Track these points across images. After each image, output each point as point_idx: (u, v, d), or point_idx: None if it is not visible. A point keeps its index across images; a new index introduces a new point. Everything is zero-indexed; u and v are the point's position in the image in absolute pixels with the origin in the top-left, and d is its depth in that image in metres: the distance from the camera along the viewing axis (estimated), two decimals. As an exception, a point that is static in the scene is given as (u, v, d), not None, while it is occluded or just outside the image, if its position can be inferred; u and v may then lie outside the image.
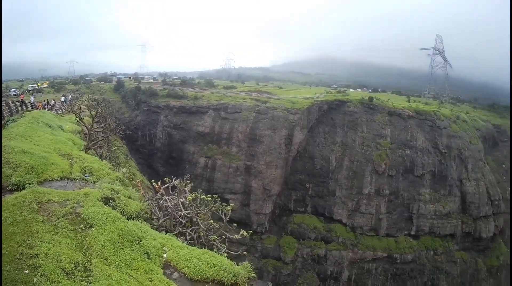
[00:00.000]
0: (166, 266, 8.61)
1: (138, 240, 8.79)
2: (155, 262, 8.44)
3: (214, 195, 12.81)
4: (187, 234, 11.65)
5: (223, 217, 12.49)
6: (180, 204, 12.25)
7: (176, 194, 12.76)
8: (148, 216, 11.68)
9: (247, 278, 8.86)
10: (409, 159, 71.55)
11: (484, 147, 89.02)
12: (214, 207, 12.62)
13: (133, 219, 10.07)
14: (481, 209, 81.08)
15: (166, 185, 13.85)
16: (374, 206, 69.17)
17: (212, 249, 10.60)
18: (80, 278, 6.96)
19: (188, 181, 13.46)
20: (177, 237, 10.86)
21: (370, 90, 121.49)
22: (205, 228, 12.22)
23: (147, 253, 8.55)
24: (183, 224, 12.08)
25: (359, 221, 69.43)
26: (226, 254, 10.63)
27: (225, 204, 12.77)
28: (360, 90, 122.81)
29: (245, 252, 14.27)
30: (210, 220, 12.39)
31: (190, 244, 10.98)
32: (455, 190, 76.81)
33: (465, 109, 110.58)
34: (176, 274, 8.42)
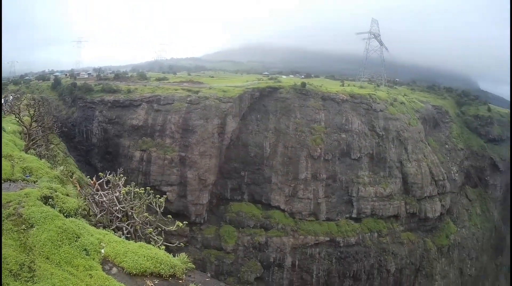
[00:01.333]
0: (105, 261, 9.06)
1: (77, 237, 9.22)
2: (94, 258, 8.89)
3: (147, 187, 13.66)
4: (124, 228, 12.29)
5: (157, 209, 13.29)
6: (115, 198, 12.81)
7: (110, 189, 13.42)
8: (86, 212, 12.29)
9: (184, 269, 9.49)
10: (345, 142, 77.73)
11: (424, 128, 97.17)
12: (148, 200, 13.28)
13: (71, 217, 10.54)
14: (425, 190, 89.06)
15: (101, 180, 14.55)
16: (311, 191, 74.71)
17: (149, 242, 11.55)
18: (26, 278, 7.38)
19: (121, 175, 14.29)
20: (114, 232, 11.43)
21: (303, 76, 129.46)
22: (140, 222, 12.81)
23: (85, 249, 8.98)
24: (119, 219, 12.63)
25: (297, 207, 74.60)
26: (163, 247, 11.41)
27: (159, 196, 13.60)
28: (292, 76, 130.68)
29: (182, 244, 14.93)
30: (145, 213, 13.09)
31: (128, 238, 11.73)
32: (396, 171, 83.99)
33: (403, 91, 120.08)
34: (115, 269, 8.90)
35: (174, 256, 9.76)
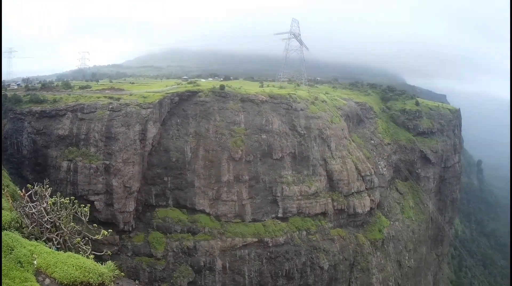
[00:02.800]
0: (38, 273, 9.81)
1: (11, 250, 9.90)
2: (28, 270, 9.59)
3: (72, 197, 14.62)
4: (53, 239, 13.16)
5: (83, 218, 14.28)
6: (43, 209, 13.48)
7: (38, 200, 14.20)
8: (19, 225, 13.11)
9: (112, 277, 10.40)
10: (266, 143, 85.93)
11: (348, 125, 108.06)
12: (73, 210, 14.16)
13: (5, 230, 11.41)
14: (352, 186, 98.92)
15: (30, 192, 15.11)
16: (235, 193, 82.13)
17: (78, 252, 12.61)
18: None
19: (48, 186, 15.02)
20: (45, 243, 12.34)
21: (222, 79, 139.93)
22: (68, 232, 13.68)
23: (19, 261, 9.66)
24: (49, 230, 13.39)
25: (222, 209, 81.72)
26: (92, 256, 12.37)
27: (83, 205, 14.54)
28: (211, 79, 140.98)
29: (109, 252, 16.05)
30: (72, 223, 14.02)
31: (58, 248, 12.67)
32: (320, 169, 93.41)
33: (325, 89, 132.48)
34: (48, 280, 9.68)
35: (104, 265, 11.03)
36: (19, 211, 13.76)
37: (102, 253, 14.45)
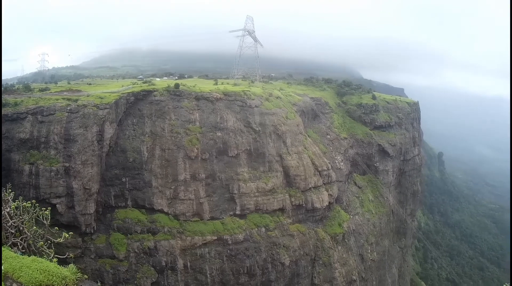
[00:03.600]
0: (6, 278, 10.14)
1: None
2: None
3: (33, 201, 14.89)
4: (18, 243, 13.54)
5: (44, 221, 14.63)
6: (7, 214, 13.78)
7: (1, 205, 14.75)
8: None
9: (75, 280, 10.84)
10: (221, 141, 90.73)
11: (303, 121, 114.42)
12: (35, 213, 14.46)
13: None
14: (309, 181, 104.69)
15: None
16: (192, 192, 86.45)
17: (42, 256, 12.95)
18: None
19: (10, 190, 15.41)
20: (11, 248, 12.82)
21: (176, 77, 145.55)
22: (31, 236, 14.03)
23: None
24: (13, 234, 13.68)
25: (180, 208, 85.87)
26: (56, 259, 12.77)
27: (44, 209, 14.85)
28: (166, 78, 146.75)
29: (72, 255, 16.43)
30: (35, 227, 14.36)
31: (23, 253, 13.03)
32: (276, 165, 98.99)
33: (279, 86, 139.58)
34: (15, 285, 10.02)
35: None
36: (-15, 218, 14.48)
37: (65, 256, 14.92)
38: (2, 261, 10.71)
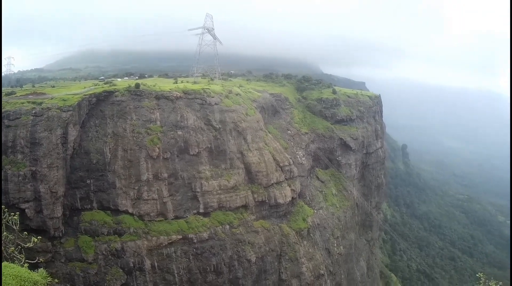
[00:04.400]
0: None
1: None
2: None
3: (2, 206, 15.07)
4: None
5: (14, 226, 14.80)
6: None
7: None
8: None
9: (46, 284, 11.53)
10: (182, 139, 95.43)
11: (264, 117, 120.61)
12: (5, 218, 14.70)
13: None
14: (271, 177, 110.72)
15: None
16: (155, 191, 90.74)
17: (14, 261, 13.41)
18: None
19: None
20: None
21: (137, 77, 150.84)
22: (2, 241, 14.24)
23: None
24: None
25: (144, 209, 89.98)
26: (27, 264, 13.36)
27: (13, 214, 15.02)
28: (127, 78, 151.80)
29: (41, 259, 16.97)
30: (5, 232, 14.69)
31: None
32: (237, 162, 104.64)
33: (239, 83, 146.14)
34: None
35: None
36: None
37: (35, 261, 15.34)
38: None
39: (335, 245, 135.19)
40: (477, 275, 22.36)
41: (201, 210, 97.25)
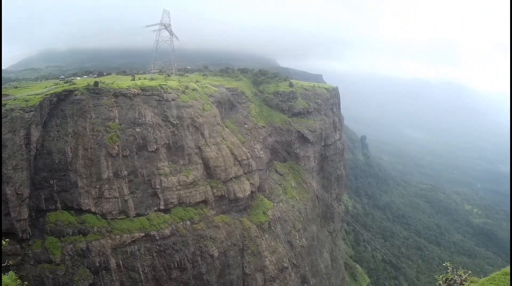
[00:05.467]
0: None
1: None
2: None
3: None
4: None
5: None
6: None
7: None
8: None
9: None
10: (141, 136, 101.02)
11: (220, 112, 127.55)
12: None
13: None
14: (229, 171, 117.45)
15: None
16: (116, 189, 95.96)
17: None
18: None
19: None
20: None
21: (96, 75, 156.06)
22: None
23: None
24: None
25: (106, 207, 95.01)
26: None
27: None
28: (86, 76, 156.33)
29: (10, 262, 17.92)
30: None
31: None
32: (196, 158, 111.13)
33: (195, 78, 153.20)
34: None
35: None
36: None
37: (4, 264, 15.62)
38: None
39: (297, 237, 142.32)
40: (443, 264, 23.17)
41: (162, 207, 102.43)
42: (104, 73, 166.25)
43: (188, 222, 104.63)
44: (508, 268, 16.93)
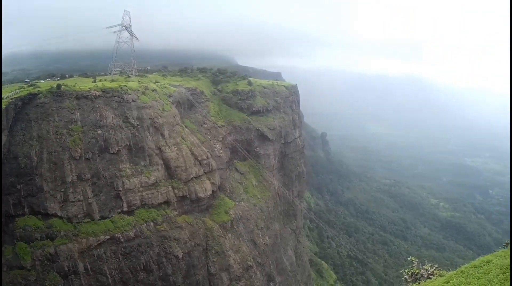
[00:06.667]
0: None
1: None
2: None
3: None
4: None
5: None
6: None
7: None
8: None
9: None
10: (102, 138, 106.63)
11: (180, 112, 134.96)
12: None
13: None
14: (190, 171, 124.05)
15: None
16: (80, 193, 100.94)
17: None
18: None
19: None
20: None
21: (58, 78, 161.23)
22: None
23: None
24: None
25: (72, 211, 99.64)
26: None
27: None
28: (49, 79, 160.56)
29: None
30: None
31: None
32: (156, 158, 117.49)
33: (155, 78, 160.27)
34: None
35: None
36: None
37: None
38: None
39: (260, 236, 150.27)
40: (408, 258, 23.95)
41: (125, 209, 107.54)
42: (67, 76, 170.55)
43: (152, 224, 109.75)
44: (477, 261, 17.67)
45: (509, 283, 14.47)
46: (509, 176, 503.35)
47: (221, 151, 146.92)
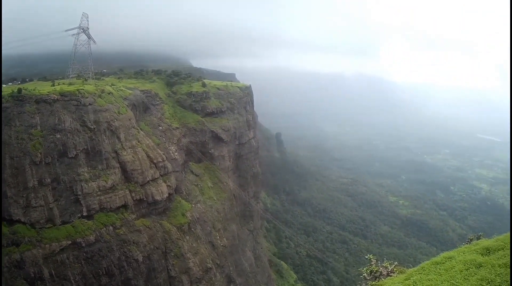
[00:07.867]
0: None
1: None
2: None
3: None
4: None
5: None
6: None
7: None
8: None
9: None
10: (61, 142, 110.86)
11: (135, 114, 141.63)
12: None
13: None
14: (146, 174, 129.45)
15: None
16: (42, 198, 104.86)
17: None
18: None
19: None
20: None
21: (19, 82, 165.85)
22: None
23: None
24: None
25: (34, 216, 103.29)
26: None
27: None
28: (11, 83, 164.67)
29: None
30: None
31: None
32: (113, 162, 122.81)
33: (111, 81, 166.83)
34: None
35: None
36: None
37: None
38: None
39: (218, 237, 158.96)
40: (365, 257, 24.28)
41: (85, 213, 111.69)
42: (27, 80, 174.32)
43: (111, 228, 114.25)
44: (438, 257, 17.93)
45: (474, 278, 14.82)
46: (469, 172, 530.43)
47: (176, 154, 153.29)
